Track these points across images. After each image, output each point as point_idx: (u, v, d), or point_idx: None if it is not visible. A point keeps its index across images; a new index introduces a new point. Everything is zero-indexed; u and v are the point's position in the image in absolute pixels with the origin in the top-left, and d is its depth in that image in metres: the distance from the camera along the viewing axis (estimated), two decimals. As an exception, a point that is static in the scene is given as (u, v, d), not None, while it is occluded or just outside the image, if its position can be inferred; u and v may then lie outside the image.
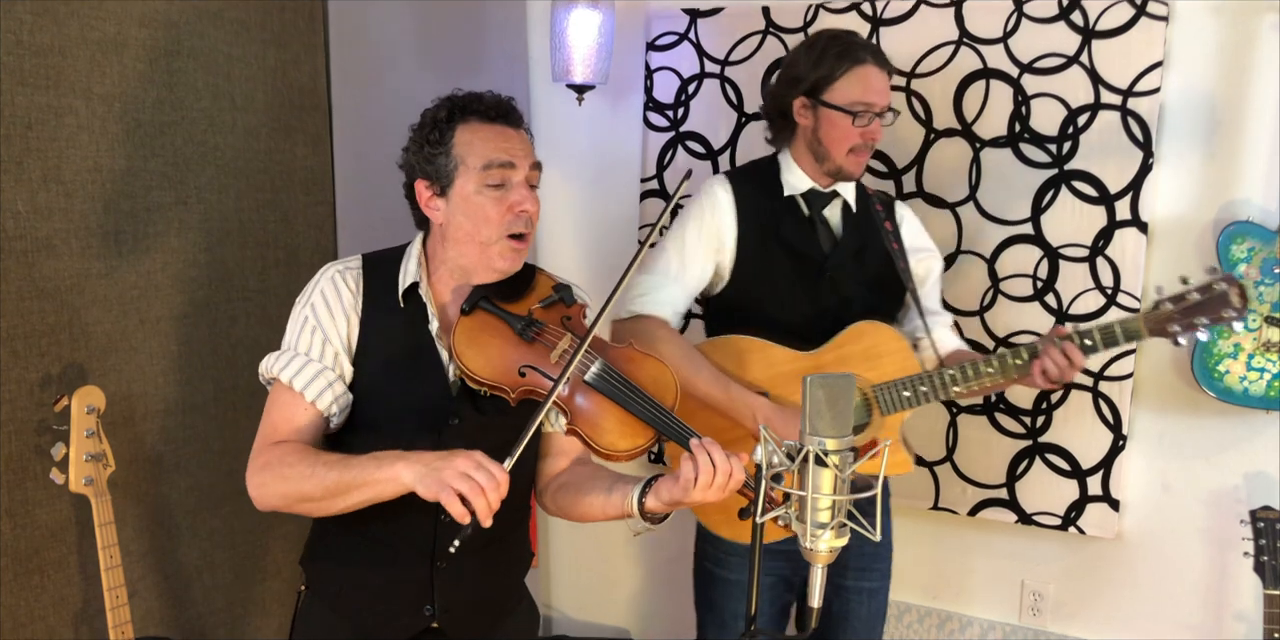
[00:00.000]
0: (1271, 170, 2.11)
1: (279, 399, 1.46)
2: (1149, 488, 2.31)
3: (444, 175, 1.46)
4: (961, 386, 1.84)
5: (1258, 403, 2.10)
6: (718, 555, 2.00)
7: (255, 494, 1.42)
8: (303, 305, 1.49)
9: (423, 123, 1.50)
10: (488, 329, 1.45)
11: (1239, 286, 1.72)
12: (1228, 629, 2.28)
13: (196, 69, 2.01)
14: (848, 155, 1.89)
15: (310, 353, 1.46)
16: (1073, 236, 2.27)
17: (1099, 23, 2.19)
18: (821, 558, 0.95)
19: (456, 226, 1.47)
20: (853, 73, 1.87)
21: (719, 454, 1.34)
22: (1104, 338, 1.78)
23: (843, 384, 0.90)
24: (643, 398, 1.44)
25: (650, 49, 2.65)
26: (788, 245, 1.93)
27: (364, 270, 1.51)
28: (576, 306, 1.54)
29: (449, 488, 1.23)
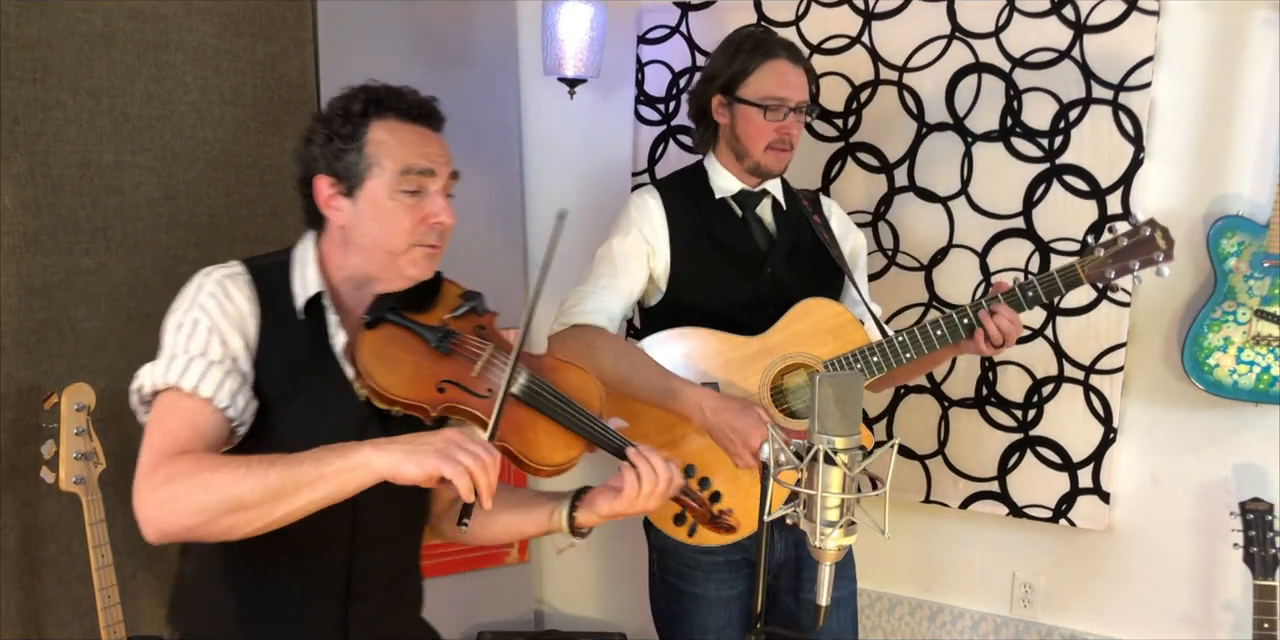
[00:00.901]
0: (1261, 165, 2.12)
1: (173, 407, 1.23)
2: (1139, 480, 2.33)
3: (353, 174, 1.30)
4: (912, 351, 1.83)
5: (1247, 395, 2.12)
6: (680, 569, 1.93)
7: (157, 515, 1.16)
8: (185, 310, 1.28)
9: (331, 113, 1.33)
10: (398, 343, 1.31)
11: (1162, 229, 1.78)
12: (1216, 619, 2.30)
13: (185, 62, 1.99)
14: (765, 151, 1.89)
15: (208, 354, 1.25)
16: (1064, 230, 2.28)
17: (1090, 17, 2.19)
18: (830, 555, 0.95)
19: (363, 232, 1.32)
20: (764, 67, 1.87)
21: (658, 461, 1.31)
22: (1045, 288, 1.81)
23: (852, 382, 0.90)
24: (573, 408, 1.37)
25: (641, 42, 2.64)
26: (724, 246, 1.92)
27: (251, 277, 1.32)
28: (489, 315, 1.43)
29: (453, 460, 1.10)
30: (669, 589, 1.96)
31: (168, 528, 1.17)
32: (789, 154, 1.92)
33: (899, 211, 2.42)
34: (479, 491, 1.12)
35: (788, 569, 1.98)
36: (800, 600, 1.99)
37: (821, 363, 1.86)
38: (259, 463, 1.15)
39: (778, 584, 2.00)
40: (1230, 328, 2.10)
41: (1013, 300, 1.81)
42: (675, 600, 1.95)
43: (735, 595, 1.93)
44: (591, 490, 1.40)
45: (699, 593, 1.91)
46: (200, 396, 1.23)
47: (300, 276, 1.34)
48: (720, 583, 1.91)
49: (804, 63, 1.92)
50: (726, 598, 1.92)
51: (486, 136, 2.75)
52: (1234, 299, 2.10)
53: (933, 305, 2.42)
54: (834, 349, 1.86)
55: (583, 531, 1.40)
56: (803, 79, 1.90)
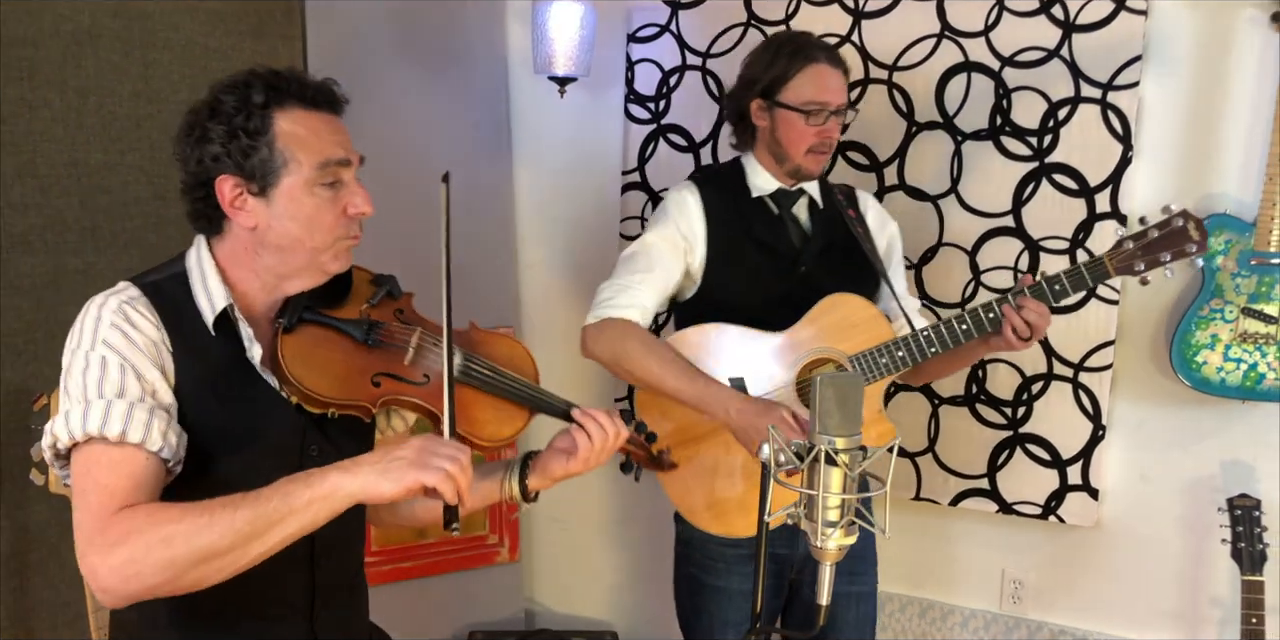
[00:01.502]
0: (1248, 163, 2.14)
1: (99, 460, 1.12)
2: (1128, 477, 2.34)
3: (267, 172, 1.21)
4: (937, 346, 1.83)
5: (1234, 393, 2.13)
6: (704, 561, 1.96)
7: (113, 581, 1.06)
8: (89, 347, 1.16)
9: (225, 106, 1.21)
10: (321, 343, 1.25)
11: (1195, 220, 1.75)
12: (1204, 614, 2.32)
13: (172, 61, 1.98)
14: (806, 155, 1.90)
15: (126, 394, 1.14)
16: (1053, 229, 2.29)
17: (1079, 17, 2.20)
18: (830, 555, 0.96)
19: (281, 232, 1.23)
20: (805, 72, 1.87)
21: (603, 416, 1.32)
22: (1072, 281, 1.80)
23: (852, 383, 0.91)
24: (512, 379, 1.35)
25: (631, 41, 2.64)
26: (760, 244, 1.94)
27: (149, 298, 1.21)
28: (405, 297, 1.38)
29: (431, 468, 1.08)
30: (691, 581, 1.99)
31: (130, 591, 1.08)
32: (827, 156, 1.93)
33: (889, 210, 2.40)
34: (460, 491, 1.10)
35: (810, 561, 1.98)
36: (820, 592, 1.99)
37: (847, 357, 1.87)
38: (220, 507, 1.07)
39: (801, 578, 2.01)
40: (1218, 325, 2.12)
41: (1039, 293, 1.80)
42: (697, 592, 1.97)
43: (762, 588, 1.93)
44: (540, 455, 1.39)
45: (721, 585, 1.93)
46: (129, 443, 1.12)
47: (203, 290, 1.24)
48: (743, 576, 1.92)
49: (843, 65, 1.92)
50: (748, 591, 1.92)
51: (476, 135, 2.75)
52: (1221, 297, 2.12)
53: (924, 303, 2.42)
54: (859, 343, 1.87)
55: (533, 496, 1.39)
56: (842, 82, 1.91)
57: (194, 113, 1.24)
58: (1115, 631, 2.40)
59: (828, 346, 1.88)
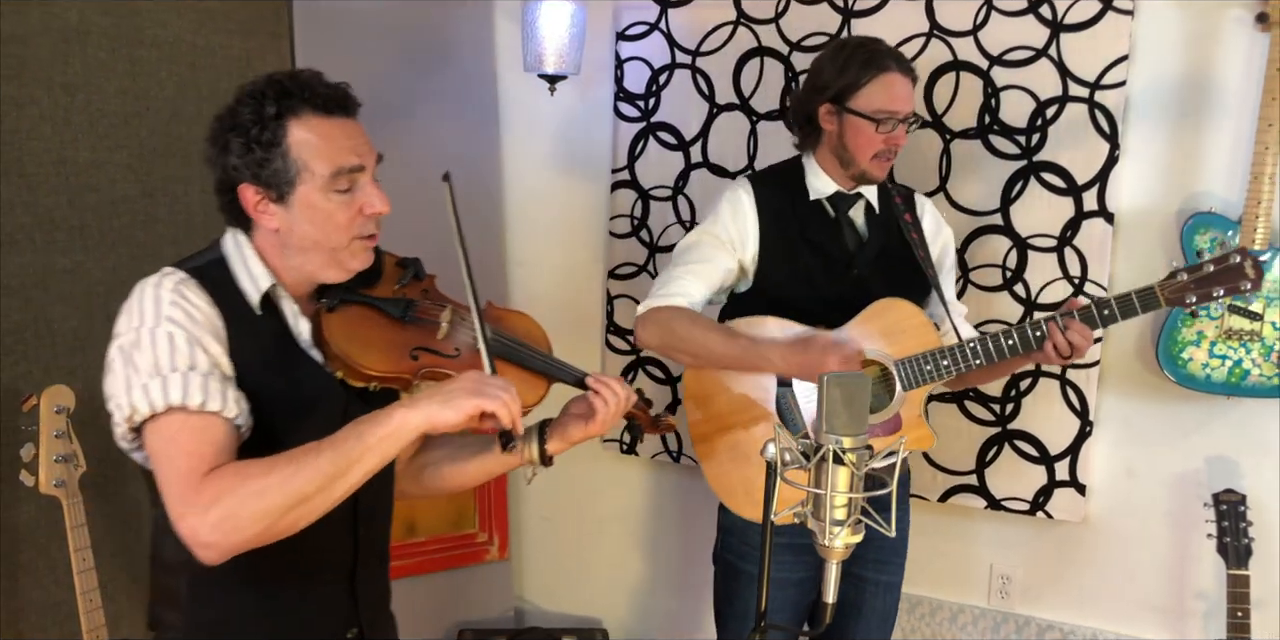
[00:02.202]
0: (1233, 162, 2.16)
1: (183, 428, 1.19)
2: (1114, 472, 2.37)
3: (283, 182, 1.25)
4: (982, 359, 1.86)
5: (1219, 389, 2.16)
6: (741, 548, 2.00)
7: (215, 537, 1.14)
8: (153, 325, 1.22)
9: (242, 119, 1.26)
10: (363, 321, 1.35)
11: (1252, 259, 1.78)
12: (1189, 608, 2.34)
13: (160, 59, 1.96)
14: (872, 160, 1.92)
15: (197, 367, 1.21)
16: (1041, 227, 2.31)
17: (1067, 16, 2.22)
18: (837, 554, 0.96)
19: (300, 235, 1.29)
20: (877, 80, 1.88)
21: (614, 382, 1.42)
22: (1121, 308, 1.82)
23: (858, 383, 0.91)
24: (532, 350, 1.44)
25: (620, 39, 2.64)
26: (814, 245, 1.96)
27: (196, 280, 1.26)
28: (429, 278, 1.47)
29: (489, 395, 1.18)
30: (728, 568, 2.04)
31: (231, 543, 1.16)
32: (891, 162, 1.95)
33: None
34: (514, 419, 1.19)
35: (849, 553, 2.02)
36: (851, 576, 2.02)
37: (893, 361, 1.89)
38: (302, 454, 1.17)
39: None
40: (1203, 322, 2.14)
41: (1088, 318, 1.83)
42: (733, 579, 2.02)
43: (794, 579, 1.96)
44: (555, 421, 1.46)
45: (756, 572, 1.95)
46: (208, 411, 1.19)
47: (246, 273, 1.30)
48: (780, 564, 1.90)
49: (912, 73, 1.93)
50: (783, 580, 1.95)
51: (465, 133, 2.74)
52: (1207, 294, 2.14)
53: (912, 301, 2.44)
54: (907, 349, 1.89)
55: (550, 460, 1.46)
56: (911, 90, 1.92)
57: (218, 120, 1.29)
58: (1102, 625, 2.42)
59: (875, 349, 1.90)
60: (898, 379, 1.88)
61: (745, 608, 2.01)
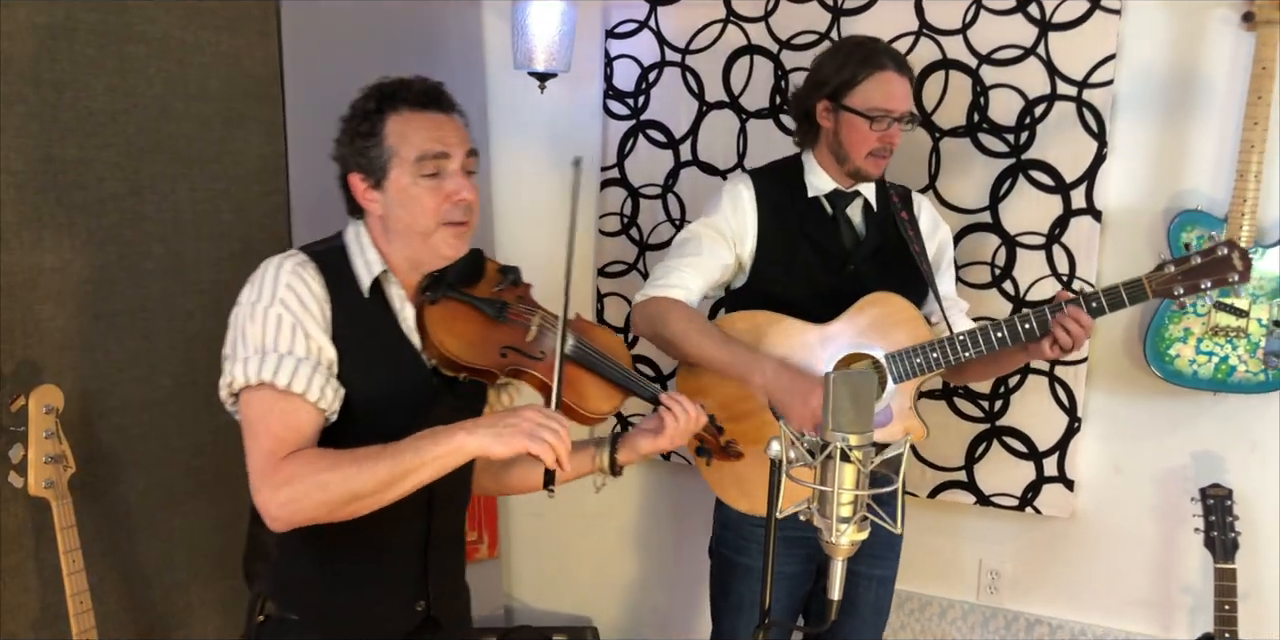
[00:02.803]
0: (1219, 160, 2.18)
1: (275, 407, 1.34)
2: (1102, 468, 2.39)
3: (378, 168, 1.41)
4: (971, 351, 1.87)
5: (1206, 385, 2.18)
6: (737, 542, 2.02)
7: (281, 514, 1.31)
8: (267, 303, 1.37)
9: (352, 114, 1.44)
10: (460, 315, 1.46)
11: (1241, 251, 1.79)
12: (1175, 602, 2.37)
13: (148, 55, 1.94)
14: (867, 158, 1.93)
15: (296, 351, 1.36)
16: (1029, 225, 2.32)
17: (1055, 15, 2.23)
18: (842, 551, 0.97)
19: (395, 219, 1.43)
20: (873, 78, 1.90)
21: (686, 401, 1.51)
22: (1109, 300, 1.83)
23: (865, 380, 0.92)
24: (613, 363, 1.54)
25: (610, 36, 2.63)
26: (812, 242, 1.98)
27: (316, 262, 1.42)
28: (525, 286, 1.58)
29: (538, 439, 1.26)
30: (723, 561, 2.06)
31: (294, 520, 1.32)
32: (888, 160, 1.96)
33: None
34: (560, 459, 1.27)
35: None
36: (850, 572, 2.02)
37: (884, 354, 1.91)
38: (366, 457, 1.29)
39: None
40: (1190, 319, 2.16)
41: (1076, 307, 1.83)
42: (728, 572, 2.04)
43: (788, 573, 1.98)
44: (627, 434, 1.56)
45: (752, 565, 2.00)
46: (295, 394, 1.33)
47: (361, 258, 1.44)
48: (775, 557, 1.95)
49: (909, 72, 1.94)
50: (779, 573, 1.92)
51: (453, 130, 2.72)
52: (1194, 291, 2.15)
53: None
54: (897, 342, 1.91)
55: (620, 470, 1.56)
56: (907, 89, 1.93)
57: (340, 119, 1.46)
58: (1090, 620, 2.45)
59: (866, 342, 1.91)
60: (889, 371, 1.90)
61: (740, 601, 2.03)
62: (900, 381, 1.91)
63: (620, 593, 2.99)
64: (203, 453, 2.11)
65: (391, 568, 1.50)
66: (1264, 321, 2.12)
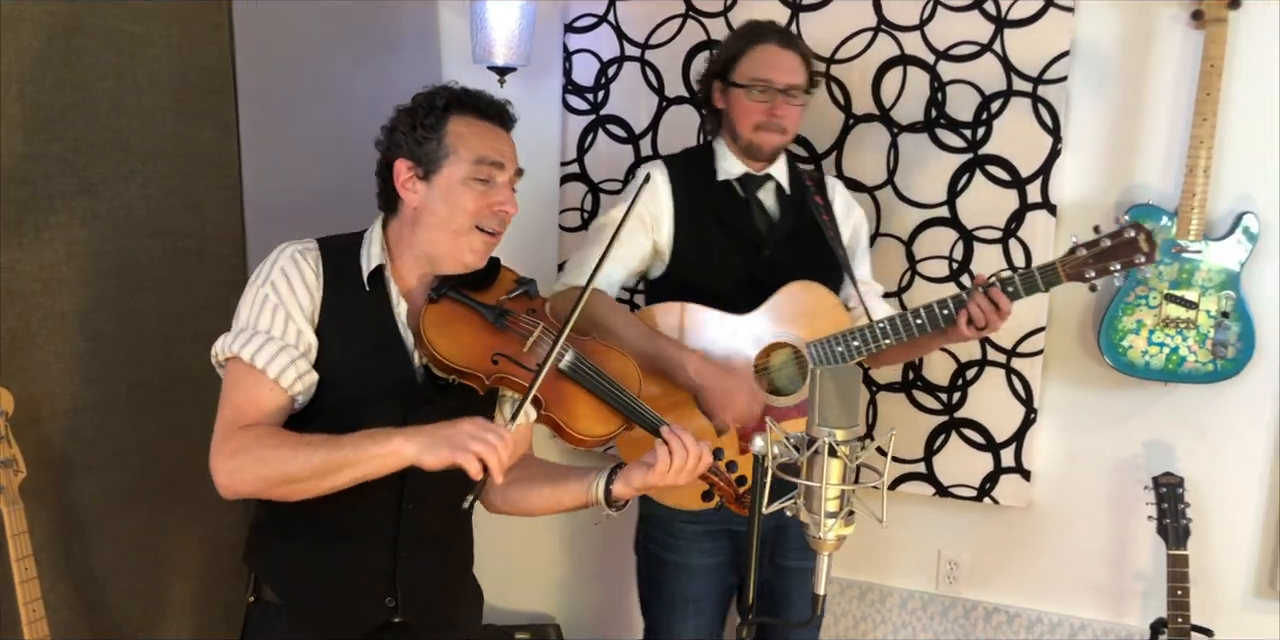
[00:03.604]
0: (1169, 155, 2.23)
1: (241, 380, 1.41)
2: (1058, 458, 2.43)
3: (432, 160, 1.45)
4: (892, 338, 1.88)
5: (1157, 375, 2.23)
6: (665, 539, 2.01)
7: (226, 481, 1.37)
8: (260, 284, 1.44)
9: (416, 106, 1.48)
10: (458, 317, 1.46)
11: (1146, 232, 1.83)
12: (1128, 587, 2.42)
13: (98, 48, 1.89)
14: (755, 132, 1.94)
15: (272, 331, 1.41)
16: (986, 219, 2.36)
17: (1010, 12, 2.26)
18: (829, 546, 0.97)
19: (432, 212, 1.46)
20: (753, 50, 1.94)
21: (689, 439, 1.43)
22: (1025, 284, 1.86)
23: (850, 375, 0.92)
24: (614, 386, 1.51)
25: (568, 31, 2.62)
26: (725, 226, 1.97)
27: (322, 251, 1.48)
28: (540, 300, 1.57)
29: (464, 449, 1.25)
30: (653, 559, 2.04)
31: (236, 491, 1.38)
32: (781, 136, 1.96)
33: (827, 201, 2.46)
34: (490, 469, 1.25)
35: (769, 537, 2.06)
36: (776, 566, 2.06)
37: (805, 343, 1.90)
38: (308, 444, 1.33)
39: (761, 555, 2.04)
40: (1142, 311, 2.21)
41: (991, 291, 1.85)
42: (658, 570, 2.03)
43: (716, 564, 2.00)
44: (627, 465, 1.50)
45: (682, 561, 1.99)
46: (260, 371, 1.39)
47: (366, 252, 1.49)
48: (702, 551, 1.99)
49: (797, 47, 1.96)
50: (707, 566, 1.99)
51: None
52: (1145, 284, 2.20)
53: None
54: (818, 331, 1.91)
55: (618, 504, 1.50)
56: (792, 62, 1.94)
57: (397, 110, 1.50)
58: (1046, 607, 2.49)
59: (787, 331, 1.91)
60: (810, 360, 1.90)
61: (673, 597, 2.02)
62: None
63: (582, 590, 2.98)
64: (156, 455, 2.06)
65: (360, 559, 1.51)
66: (1213, 313, 2.18)
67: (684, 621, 2.00)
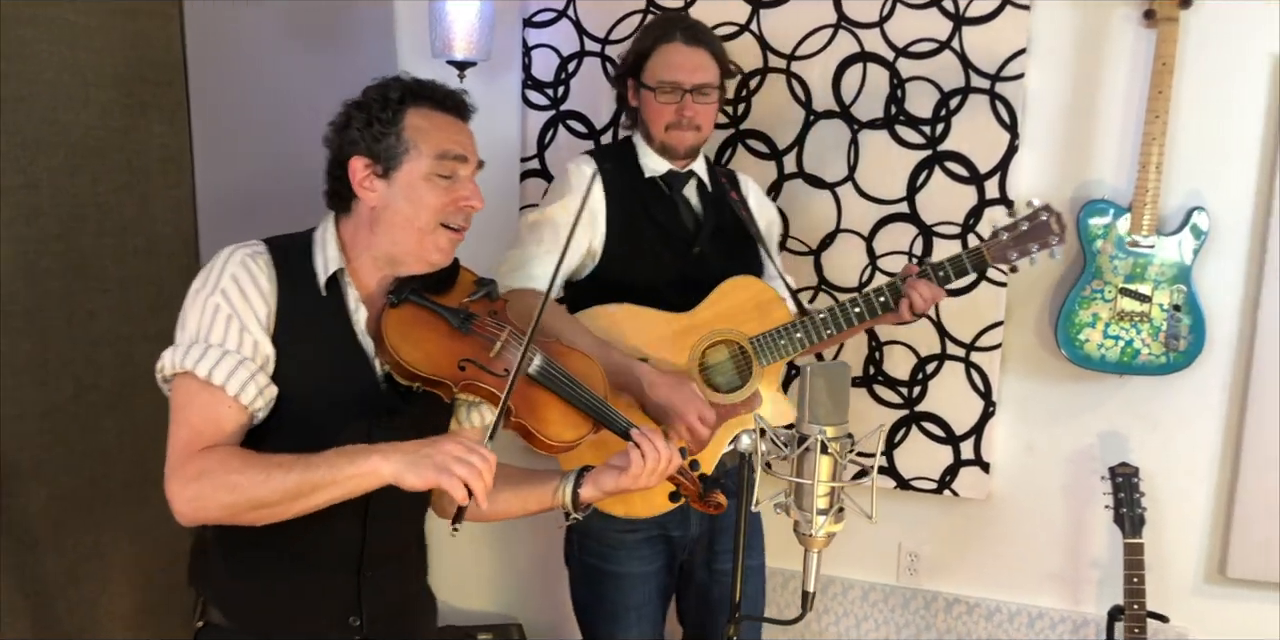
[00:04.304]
0: (1122, 152, 2.27)
1: (196, 399, 1.31)
2: (1016, 450, 2.47)
3: (391, 156, 1.38)
4: (833, 328, 1.90)
5: (1113, 368, 2.27)
6: (601, 550, 1.97)
7: (186, 509, 1.27)
8: (209, 292, 1.34)
9: (368, 99, 1.40)
10: (421, 322, 1.39)
11: (1056, 214, 1.90)
12: (1084, 576, 2.47)
13: (43, 39, 1.83)
14: (667, 131, 1.93)
15: (227, 343, 1.32)
16: (945, 215, 2.38)
17: (968, 10, 2.28)
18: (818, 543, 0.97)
19: (394, 211, 1.38)
20: (659, 50, 1.92)
21: (660, 441, 1.40)
22: (954, 268, 1.92)
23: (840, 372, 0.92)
24: (583, 389, 1.47)
25: (528, 25, 2.59)
26: (656, 224, 1.96)
27: (272, 254, 1.38)
28: (500, 301, 1.52)
29: (448, 472, 1.20)
30: (590, 571, 2.00)
31: (197, 518, 1.29)
32: (694, 134, 1.93)
33: (788, 197, 2.47)
34: (475, 494, 1.20)
35: (701, 542, 2.04)
36: (713, 571, 2.05)
37: (747, 339, 1.90)
38: (278, 466, 1.24)
39: (693, 559, 2.05)
40: (1098, 305, 2.25)
41: (925, 279, 1.89)
42: (596, 581, 1.99)
43: (654, 571, 1.98)
44: (594, 468, 1.48)
45: (621, 571, 1.96)
46: (217, 387, 1.30)
47: (322, 255, 1.40)
48: (640, 559, 1.96)
49: (705, 44, 1.93)
50: (646, 574, 1.97)
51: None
52: (1101, 278, 2.24)
53: (822, 288, 2.48)
54: (759, 326, 1.90)
55: (584, 507, 1.48)
56: (700, 60, 1.91)
57: (345, 105, 1.43)
58: (1005, 597, 2.53)
59: (729, 328, 1.91)
60: (754, 355, 1.91)
61: (615, 607, 1.98)
62: (767, 364, 1.91)
63: (544, 589, 2.96)
64: (108, 459, 2.00)
65: (324, 581, 1.44)
66: (1165, 306, 2.22)
67: (627, 630, 1.97)
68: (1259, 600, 2.36)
